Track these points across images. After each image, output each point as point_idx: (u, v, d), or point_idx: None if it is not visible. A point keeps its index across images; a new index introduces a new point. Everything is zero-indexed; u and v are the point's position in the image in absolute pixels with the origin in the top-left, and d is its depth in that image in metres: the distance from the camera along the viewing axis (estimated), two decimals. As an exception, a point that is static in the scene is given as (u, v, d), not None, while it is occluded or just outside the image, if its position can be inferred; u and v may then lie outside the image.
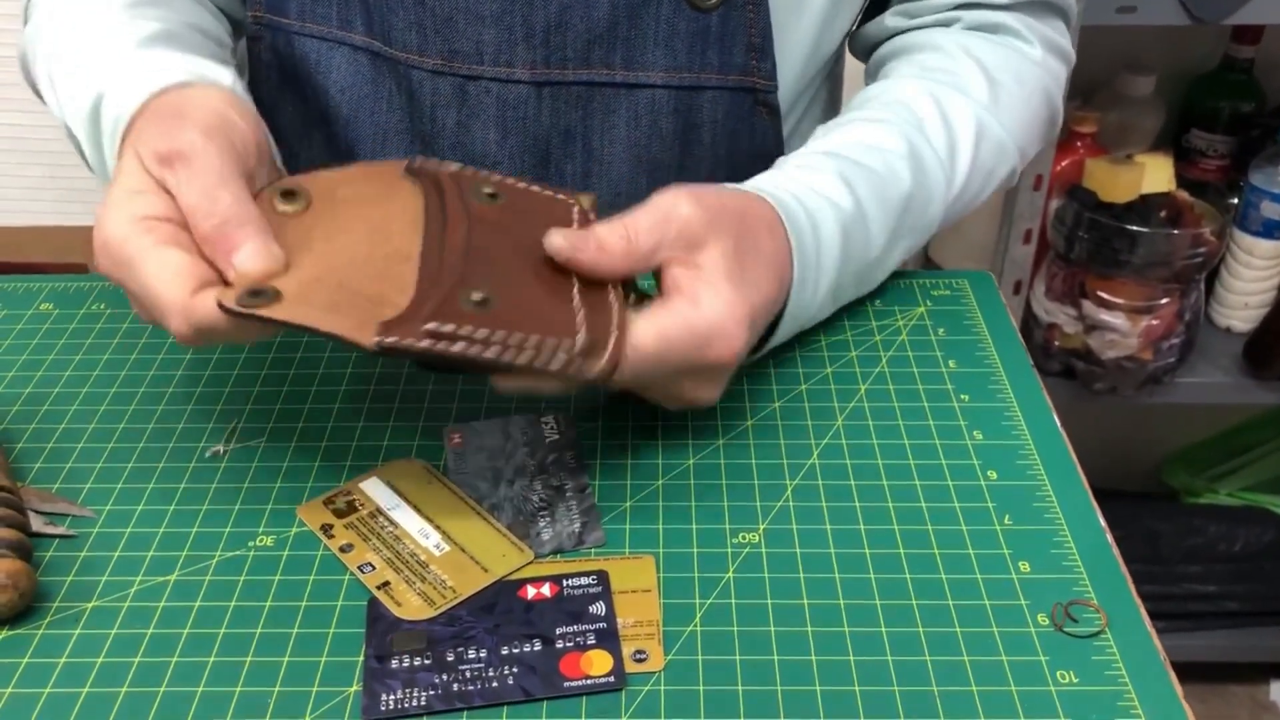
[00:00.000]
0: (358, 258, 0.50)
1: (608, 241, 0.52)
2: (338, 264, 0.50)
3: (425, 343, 0.47)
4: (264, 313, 0.46)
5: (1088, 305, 1.27)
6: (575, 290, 0.51)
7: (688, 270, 0.52)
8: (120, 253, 0.49)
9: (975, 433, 0.57)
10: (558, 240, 0.51)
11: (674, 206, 0.53)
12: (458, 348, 0.47)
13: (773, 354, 0.63)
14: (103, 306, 0.68)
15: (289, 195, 0.52)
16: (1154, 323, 1.26)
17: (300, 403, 0.60)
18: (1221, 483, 1.62)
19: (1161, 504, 1.62)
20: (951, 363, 0.62)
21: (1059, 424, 0.58)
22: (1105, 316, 1.26)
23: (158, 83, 0.55)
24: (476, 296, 0.48)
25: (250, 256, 0.48)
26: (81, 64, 0.60)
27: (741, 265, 0.53)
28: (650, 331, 0.51)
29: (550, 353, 0.48)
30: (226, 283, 0.48)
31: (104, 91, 0.57)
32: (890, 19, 0.74)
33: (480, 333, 0.47)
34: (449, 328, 0.47)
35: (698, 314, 0.51)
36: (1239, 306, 1.36)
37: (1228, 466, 1.63)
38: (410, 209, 0.53)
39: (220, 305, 0.47)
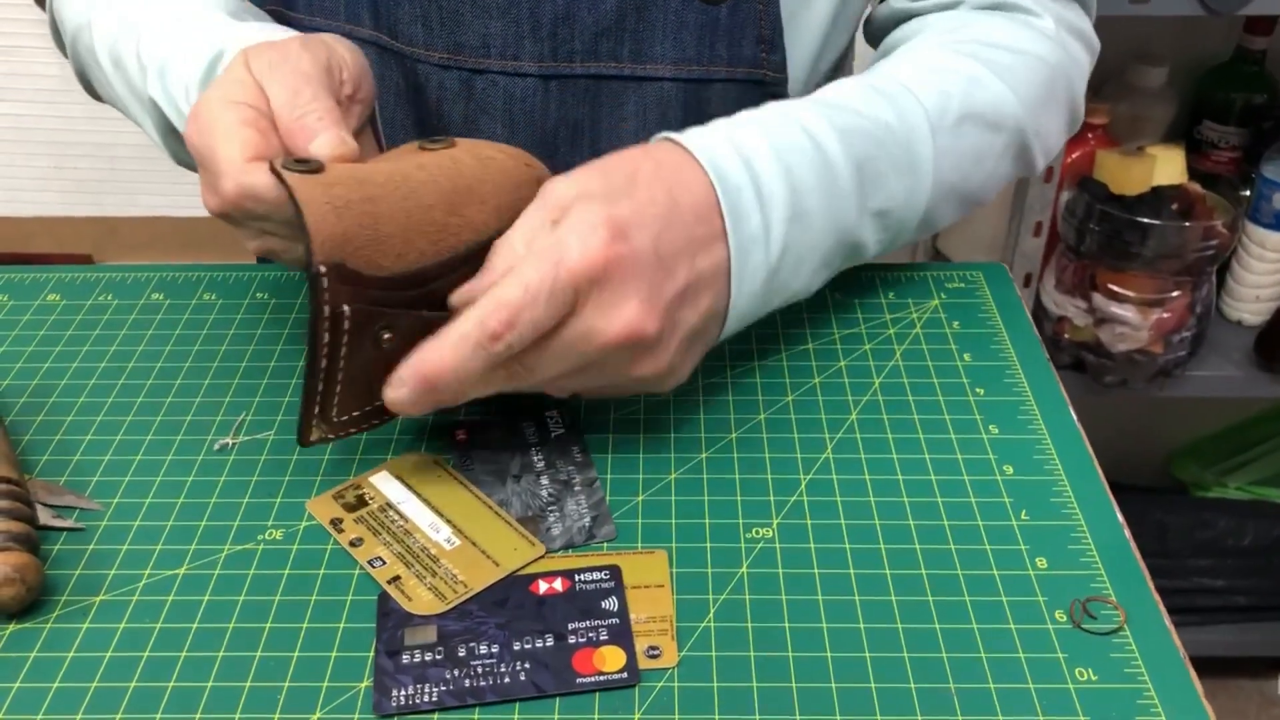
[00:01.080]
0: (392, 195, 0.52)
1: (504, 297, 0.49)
2: (370, 193, 0.51)
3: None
4: (289, 178, 0.49)
5: (1098, 298, 1.26)
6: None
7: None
8: (205, 120, 0.52)
9: (991, 427, 0.57)
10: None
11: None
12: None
13: (785, 346, 0.62)
14: (110, 297, 0.67)
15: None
16: (1165, 316, 1.25)
17: (309, 395, 0.60)
18: (1231, 476, 1.61)
19: (1171, 498, 1.61)
20: (966, 356, 0.61)
21: (1075, 418, 0.57)
22: (1116, 309, 1.25)
23: (273, 33, 0.59)
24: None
25: (326, 143, 0.51)
26: (171, 31, 0.62)
27: (591, 183, 0.51)
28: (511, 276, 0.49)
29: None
30: None
31: (224, 48, 0.59)
32: (896, 1, 0.73)
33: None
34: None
35: (542, 234, 0.50)
36: (1250, 299, 1.35)
37: (1237, 460, 1.62)
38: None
39: (270, 164, 0.50)
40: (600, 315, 0.49)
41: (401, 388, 0.50)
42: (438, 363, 0.49)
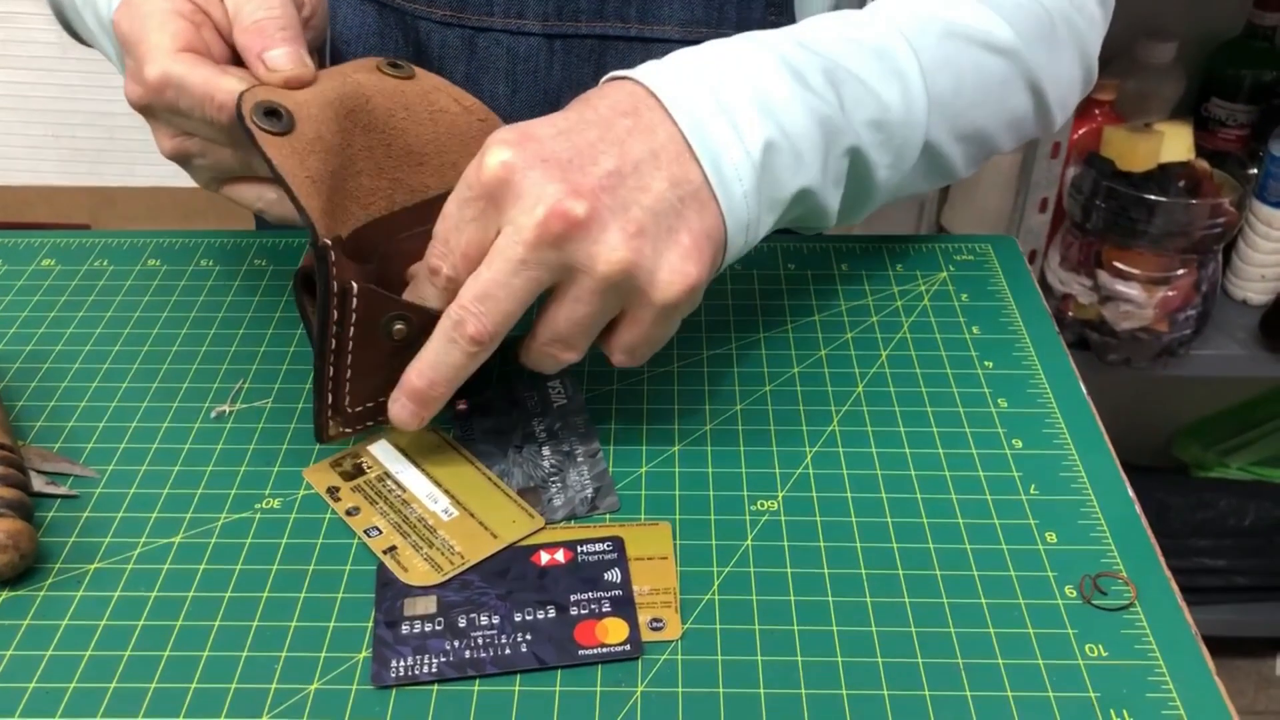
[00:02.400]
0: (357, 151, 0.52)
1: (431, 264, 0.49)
2: (340, 144, 0.51)
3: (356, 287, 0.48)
4: (264, 141, 0.48)
5: (1103, 275, 1.25)
6: None
7: None
8: (141, 8, 0.52)
9: (1000, 400, 0.56)
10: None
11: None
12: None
13: (791, 318, 0.61)
14: (105, 263, 0.66)
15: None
16: (1170, 294, 1.24)
17: (307, 363, 0.59)
18: (1233, 457, 1.61)
19: (1172, 477, 1.61)
20: (975, 328, 0.61)
21: (1085, 391, 0.57)
22: (1121, 287, 1.24)
23: None
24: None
25: (283, 56, 0.51)
26: None
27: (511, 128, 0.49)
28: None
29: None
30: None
31: None
32: None
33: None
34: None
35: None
36: (1256, 279, 1.34)
37: (1240, 440, 1.61)
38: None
39: (239, 99, 0.48)
40: (520, 211, 0.46)
41: (397, 400, 0.50)
42: (419, 358, 0.49)
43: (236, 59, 0.54)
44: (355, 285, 0.48)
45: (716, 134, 0.50)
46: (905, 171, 0.59)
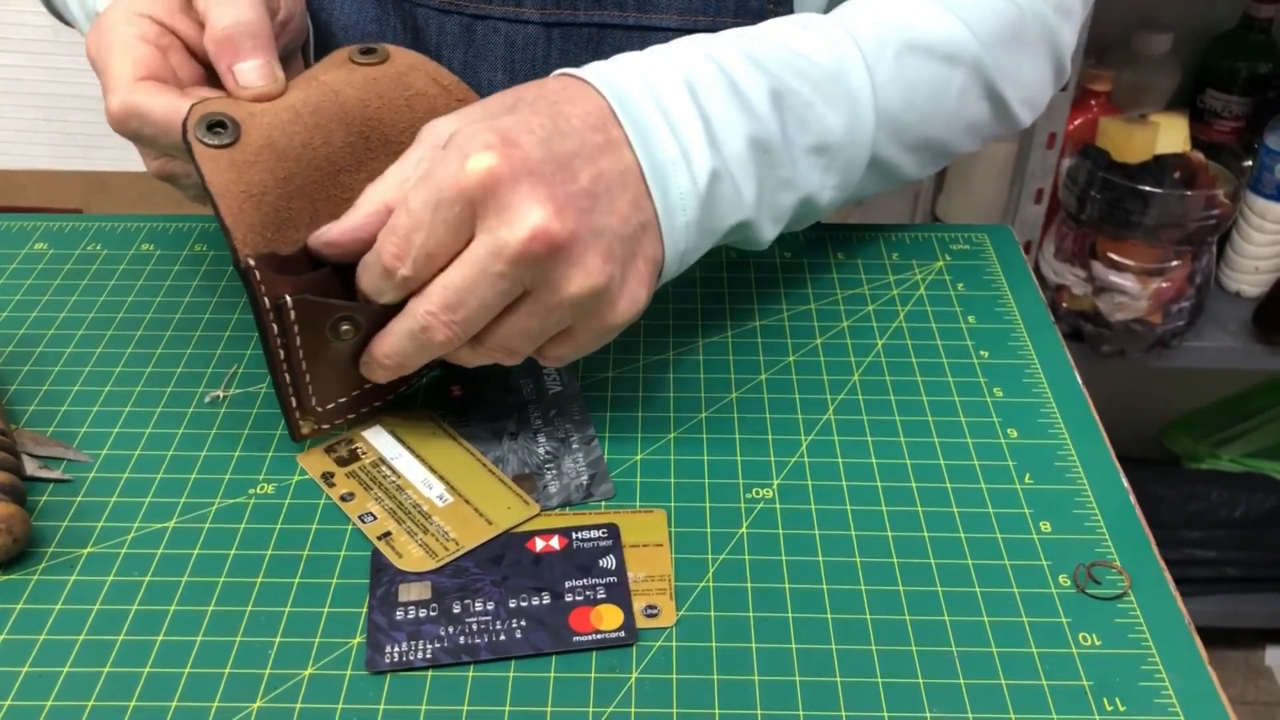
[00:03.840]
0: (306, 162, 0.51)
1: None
2: (288, 163, 0.50)
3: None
4: (200, 155, 0.47)
5: (1098, 267, 1.25)
6: None
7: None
8: (104, 31, 0.52)
9: (995, 390, 0.56)
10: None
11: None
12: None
13: (787, 305, 0.61)
14: (99, 247, 0.66)
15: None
16: (1164, 285, 1.24)
17: (302, 348, 0.58)
18: (1224, 448, 1.61)
19: (1163, 469, 1.62)
20: (971, 318, 0.61)
21: (1080, 382, 0.57)
22: (1115, 278, 1.24)
23: None
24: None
25: (253, 69, 0.51)
26: None
27: (471, 113, 0.49)
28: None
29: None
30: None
31: None
32: None
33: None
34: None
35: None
36: (1249, 271, 1.34)
37: (1231, 432, 1.62)
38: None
39: (189, 112, 0.48)
40: (503, 224, 0.45)
41: (367, 363, 0.50)
42: (384, 347, 0.49)
43: (211, 75, 0.53)
44: (289, 298, 0.47)
45: (669, 162, 0.50)
46: (850, 188, 0.58)
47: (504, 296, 0.47)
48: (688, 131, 0.50)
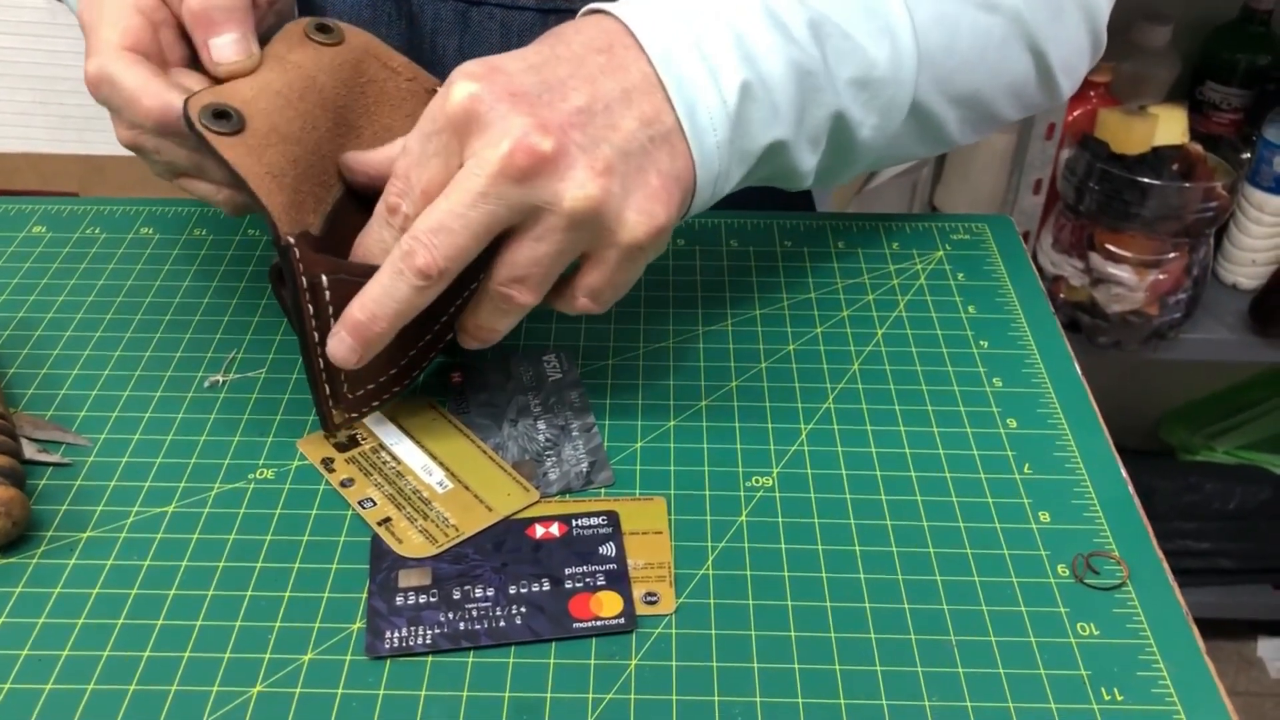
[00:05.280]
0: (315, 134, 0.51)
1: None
2: (297, 129, 0.50)
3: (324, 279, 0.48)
4: (216, 143, 0.47)
5: (1095, 258, 1.25)
6: None
7: None
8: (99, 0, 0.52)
9: (995, 379, 0.56)
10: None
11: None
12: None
13: (788, 294, 0.61)
14: (97, 231, 0.66)
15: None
16: (1161, 277, 1.24)
17: (301, 334, 0.58)
18: (1219, 440, 1.62)
19: (1159, 460, 1.62)
20: (971, 308, 0.61)
21: (1080, 372, 0.57)
22: (1113, 270, 1.24)
23: None
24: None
25: (227, 44, 0.51)
26: None
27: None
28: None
29: None
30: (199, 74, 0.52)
31: None
32: None
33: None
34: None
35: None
36: (1246, 263, 1.34)
37: (1226, 424, 1.62)
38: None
39: (185, 105, 0.48)
40: (486, 144, 0.45)
41: (336, 334, 0.48)
42: (363, 291, 0.47)
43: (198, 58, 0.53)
44: (324, 278, 0.47)
45: (692, 76, 0.49)
46: (892, 132, 0.57)
47: (490, 218, 0.46)
48: (715, 46, 0.49)
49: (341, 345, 0.48)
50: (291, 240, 0.47)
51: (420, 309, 0.47)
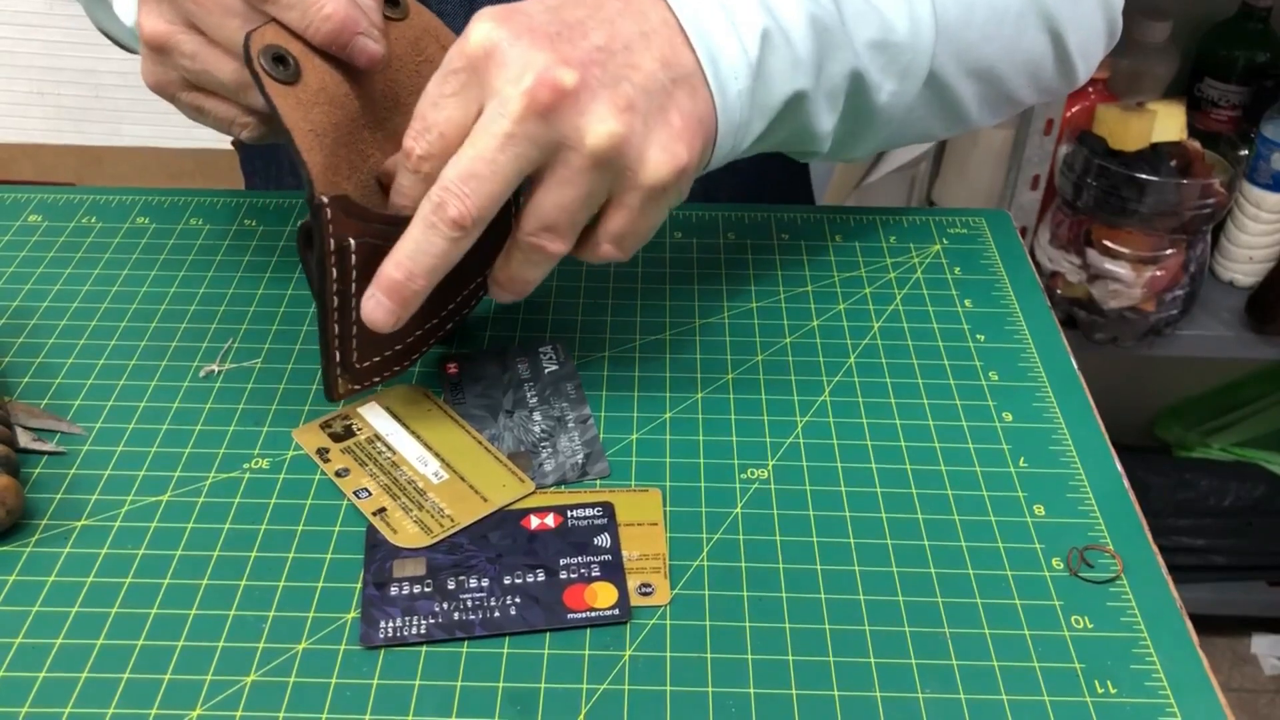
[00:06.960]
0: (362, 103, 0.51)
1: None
2: (350, 100, 0.50)
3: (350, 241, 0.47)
4: (270, 89, 0.46)
5: (1092, 254, 1.25)
6: None
7: None
8: None
9: (991, 373, 0.56)
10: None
11: None
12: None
13: (784, 287, 0.61)
14: (93, 220, 0.66)
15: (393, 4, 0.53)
16: (1158, 274, 1.24)
17: (298, 324, 0.58)
18: (1215, 437, 1.62)
19: (1154, 457, 1.62)
20: (967, 302, 0.61)
21: (1076, 366, 0.57)
22: (1110, 266, 1.24)
23: None
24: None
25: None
26: None
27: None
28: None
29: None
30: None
31: None
32: None
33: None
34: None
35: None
36: (1243, 260, 1.35)
37: (1222, 421, 1.63)
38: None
39: (247, 39, 0.46)
40: (507, 81, 0.45)
41: (371, 296, 0.47)
42: (396, 249, 0.47)
43: None
44: (352, 241, 0.47)
45: (712, 24, 0.49)
46: (909, 101, 0.57)
47: (520, 160, 0.45)
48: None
49: (379, 308, 0.47)
50: (325, 200, 0.46)
51: (455, 262, 0.47)
